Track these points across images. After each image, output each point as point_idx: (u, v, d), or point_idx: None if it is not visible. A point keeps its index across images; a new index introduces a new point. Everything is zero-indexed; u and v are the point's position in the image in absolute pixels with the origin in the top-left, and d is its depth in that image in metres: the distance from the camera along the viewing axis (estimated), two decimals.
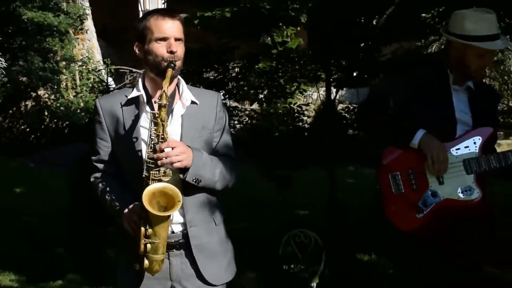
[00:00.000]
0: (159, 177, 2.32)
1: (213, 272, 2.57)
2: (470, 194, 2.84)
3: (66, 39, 15.35)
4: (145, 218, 2.32)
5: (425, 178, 2.88)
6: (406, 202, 2.88)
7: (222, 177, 2.54)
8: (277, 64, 5.80)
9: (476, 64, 2.92)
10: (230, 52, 5.62)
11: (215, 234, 2.62)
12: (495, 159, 2.84)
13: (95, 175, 2.63)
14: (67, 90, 16.01)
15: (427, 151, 2.82)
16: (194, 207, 2.54)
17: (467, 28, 2.92)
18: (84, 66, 16.43)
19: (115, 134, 2.55)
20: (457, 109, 2.98)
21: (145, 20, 2.49)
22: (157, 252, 2.36)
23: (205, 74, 5.78)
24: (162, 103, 2.28)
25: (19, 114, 15.76)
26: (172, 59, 2.41)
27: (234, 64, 5.81)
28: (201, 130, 2.54)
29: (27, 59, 14.44)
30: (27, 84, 15.31)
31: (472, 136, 2.91)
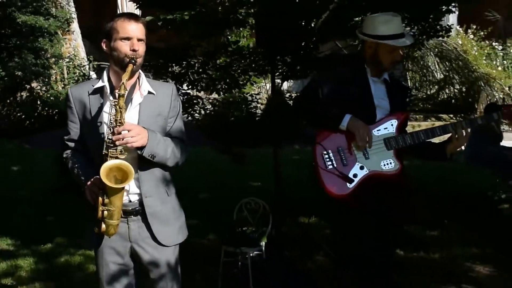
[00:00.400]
0: (116, 155, 2.32)
1: (166, 235, 2.59)
2: (391, 166, 2.89)
3: (55, 39, 15.21)
4: (103, 189, 2.33)
5: (353, 155, 2.91)
6: (338, 175, 2.90)
7: (173, 155, 2.53)
8: (232, 60, 5.79)
9: (387, 59, 2.97)
10: (192, 50, 5.58)
11: (168, 204, 2.63)
12: (409, 137, 2.90)
13: (66, 151, 2.62)
14: (56, 83, 15.91)
15: (354, 130, 2.85)
16: (149, 181, 2.53)
17: (378, 29, 2.96)
18: (71, 62, 16.32)
19: (83, 118, 2.53)
20: (376, 97, 3.01)
21: (113, 22, 2.47)
22: (112, 218, 2.36)
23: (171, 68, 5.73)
24: (120, 93, 2.30)
25: (15, 103, 15.56)
26: (133, 56, 2.40)
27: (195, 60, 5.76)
28: (156, 116, 2.54)
29: (22, 57, 14.31)
30: (22, 78, 15.12)
31: (390, 119, 2.96)
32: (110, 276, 2.58)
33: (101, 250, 2.57)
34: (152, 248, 2.57)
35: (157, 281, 2.63)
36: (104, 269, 2.58)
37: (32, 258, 5.14)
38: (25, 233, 6.09)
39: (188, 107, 6.11)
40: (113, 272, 2.58)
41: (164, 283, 2.63)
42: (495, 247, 4.95)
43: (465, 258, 4.69)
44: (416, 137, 2.91)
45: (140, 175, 2.49)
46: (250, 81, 6.11)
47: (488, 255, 4.77)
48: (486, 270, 4.45)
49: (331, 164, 2.90)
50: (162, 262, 2.61)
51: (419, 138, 2.91)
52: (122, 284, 2.60)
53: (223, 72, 5.94)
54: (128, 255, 2.60)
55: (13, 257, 5.19)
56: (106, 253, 2.56)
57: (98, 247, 2.57)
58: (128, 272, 2.63)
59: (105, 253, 2.56)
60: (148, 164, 2.48)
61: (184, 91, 6.05)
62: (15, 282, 4.55)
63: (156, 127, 2.51)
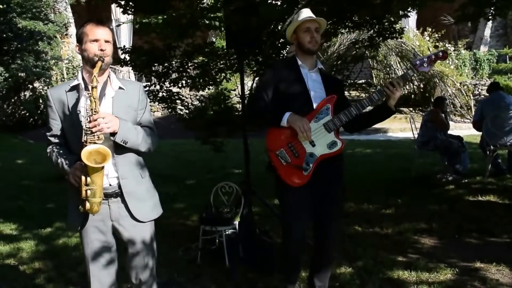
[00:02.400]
0: (94, 141, 2.37)
1: (141, 212, 2.63)
2: (335, 146, 3.00)
3: (54, 42, 15.08)
4: (85, 171, 2.37)
5: (302, 146, 2.99)
6: (293, 167, 2.99)
7: (144, 141, 2.59)
8: (209, 59, 5.82)
9: (305, 38, 3.04)
10: (173, 50, 5.59)
11: (142, 185, 2.67)
12: (343, 115, 2.97)
13: (49, 146, 2.65)
14: (57, 83, 15.75)
15: (294, 125, 2.91)
16: (124, 164, 2.59)
17: (294, 19, 3.18)
18: (70, 64, 16.17)
19: (63, 114, 2.58)
20: (312, 88, 3.08)
21: (83, 27, 2.54)
22: (95, 196, 2.40)
23: (154, 68, 5.74)
24: (93, 85, 2.36)
25: (19, 102, 15.46)
26: (102, 55, 2.46)
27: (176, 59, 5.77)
28: (127, 108, 2.60)
29: (23, 59, 14.14)
30: (25, 79, 15.03)
31: (324, 105, 3.02)
32: (94, 253, 2.62)
33: (86, 230, 2.61)
34: (130, 226, 2.62)
35: (134, 256, 2.68)
36: (89, 246, 2.62)
37: (33, 241, 5.14)
38: (27, 218, 6.11)
39: (171, 103, 6.13)
40: (96, 249, 2.62)
41: (141, 258, 2.68)
42: (440, 222, 5.06)
43: (413, 232, 4.79)
44: (348, 113, 2.97)
45: (116, 160, 2.55)
46: (226, 78, 6.15)
47: (434, 229, 4.88)
48: (431, 242, 4.55)
49: (285, 160, 2.99)
50: (139, 238, 2.65)
51: (351, 114, 2.97)
52: (105, 259, 2.65)
53: (201, 71, 5.98)
54: (110, 233, 2.65)
55: (16, 240, 5.20)
56: (90, 231, 2.61)
57: (83, 228, 2.61)
58: (111, 249, 2.67)
59: (89, 232, 2.61)
60: (123, 150, 2.55)
61: (167, 88, 6.06)
62: (17, 262, 4.55)
63: (128, 118, 2.57)
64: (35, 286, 3.97)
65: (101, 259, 2.64)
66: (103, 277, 2.65)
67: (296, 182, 2.99)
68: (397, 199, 6.06)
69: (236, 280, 3.88)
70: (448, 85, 15.97)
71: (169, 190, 7.47)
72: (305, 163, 2.98)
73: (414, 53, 16.02)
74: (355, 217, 5.45)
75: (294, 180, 2.99)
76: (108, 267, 2.66)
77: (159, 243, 4.80)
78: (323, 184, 3.04)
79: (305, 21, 3.05)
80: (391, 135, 14.23)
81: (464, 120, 15.41)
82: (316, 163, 2.98)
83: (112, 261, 2.68)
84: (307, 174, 2.98)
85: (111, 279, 2.68)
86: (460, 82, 16.33)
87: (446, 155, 7.08)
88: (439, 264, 3.91)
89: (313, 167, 2.98)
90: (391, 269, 3.85)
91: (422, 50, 15.99)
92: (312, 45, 3.06)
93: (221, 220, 4.34)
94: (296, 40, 3.13)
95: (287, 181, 3.00)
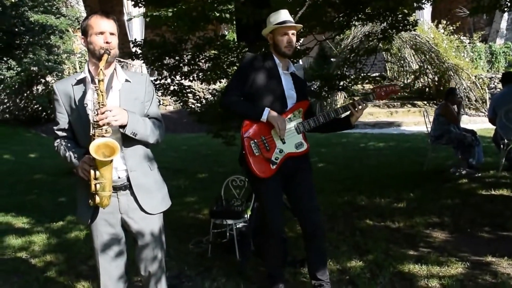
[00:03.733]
0: (102, 134, 2.38)
1: (150, 205, 2.65)
2: (302, 147, 3.24)
3: (66, 36, 15.13)
4: (94, 165, 2.39)
5: (273, 141, 3.19)
6: (263, 159, 3.16)
7: (152, 132, 2.60)
8: (220, 52, 5.82)
9: (282, 41, 3.20)
10: (184, 43, 5.60)
11: (150, 177, 2.69)
12: (312, 121, 3.22)
13: (57, 140, 2.67)
14: None
15: (274, 122, 3.12)
16: (132, 157, 2.60)
17: (271, 21, 3.27)
18: (82, 57, 16.21)
19: (69, 107, 2.59)
20: (286, 88, 3.27)
21: (87, 20, 2.54)
22: (104, 190, 2.42)
23: (165, 61, 5.75)
24: (99, 78, 2.37)
25: (32, 96, 15.54)
26: (108, 48, 2.47)
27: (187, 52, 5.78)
28: (134, 100, 2.61)
29: (35, 53, 14.20)
30: (37, 73, 15.08)
31: (297, 108, 3.26)
32: (103, 246, 2.65)
33: (95, 223, 2.63)
34: (139, 218, 2.64)
35: (143, 248, 2.70)
36: (99, 239, 2.65)
37: (44, 234, 5.20)
38: (39, 212, 6.18)
39: (182, 96, 6.14)
40: (106, 242, 2.65)
41: (150, 250, 2.71)
42: (452, 216, 5.04)
43: (425, 226, 4.78)
44: (317, 120, 3.22)
45: (125, 152, 2.57)
46: None
47: (446, 223, 4.87)
48: (442, 236, 4.54)
49: (257, 151, 3.16)
50: (148, 231, 2.68)
51: (319, 121, 3.22)
52: (114, 251, 2.67)
53: (212, 64, 5.99)
54: (119, 226, 2.67)
55: (28, 233, 5.26)
56: (99, 224, 2.63)
57: (92, 221, 2.63)
58: (120, 241, 2.70)
59: (99, 225, 2.63)
60: (131, 142, 2.56)
61: (178, 81, 6.08)
62: (29, 255, 4.62)
63: (135, 110, 2.57)
64: (47, 279, 4.02)
65: (110, 252, 2.66)
66: (112, 269, 2.68)
67: (262, 174, 3.15)
68: (409, 193, 6.04)
69: (246, 273, 3.90)
70: (463, 78, 15.81)
71: (180, 183, 7.53)
72: (274, 157, 3.16)
73: (429, 46, 15.87)
74: (366, 210, 5.45)
75: (261, 172, 3.16)
76: (117, 259, 2.69)
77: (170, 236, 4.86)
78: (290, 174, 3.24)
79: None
80: (405, 128, 14.15)
81: (479, 114, 15.27)
82: (283, 159, 3.17)
83: (121, 253, 2.70)
84: (274, 168, 3.17)
85: (120, 271, 2.71)
86: (475, 75, 16.15)
87: (460, 149, 7.04)
88: (450, 258, 3.91)
89: (280, 163, 3.16)
90: (401, 263, 3.86)
91: (437, 42, 15.83)
92: (288, 49, 3.22)
93: (231, 214, 4.36)
94: (272, 40, 3.26)
95: (255, 171, 3.15)
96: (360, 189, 6.36)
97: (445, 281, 3.48)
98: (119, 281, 2.72)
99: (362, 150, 10.33)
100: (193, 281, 3.82)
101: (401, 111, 15.98)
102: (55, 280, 3.98)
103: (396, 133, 13.33)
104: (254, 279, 3.78)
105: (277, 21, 3.21)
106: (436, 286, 3.46)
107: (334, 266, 3.92)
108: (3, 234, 5.30)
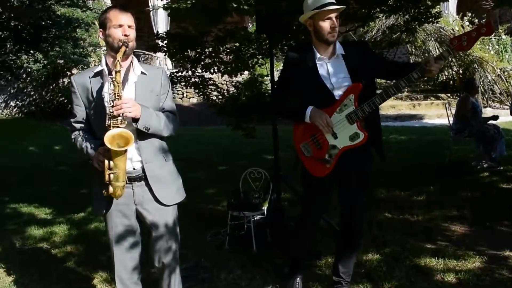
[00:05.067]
0: (117, 124, 2.41)
1: (165, 196, 2.67)
2: (358, 138, 2.90)
3: (92, 29, 15.24)
4: (108, 155, 2.41)
5: (324, 138, 2.94)
6: (317, 159, 2.98)
7: (166, 126, 2.62)
8: (241, 44, 5.81)
9: (325, 27, 2.86)
10: (205, 35, 5.60)
11: (165, 168, 2.70)
12: (367, 106, 2.84)
13: (74, 132, 2.70)
14: None
15: (316, 122, 2.87)
16: (148, 149, 2.62)
17: (309, 5, 2.91)
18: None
19: (87, 100, 2.62)
20: (333, 76, 2.94)
21: (106, 13, 2.57)
22: (118, 180, 2.45)
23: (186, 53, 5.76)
24: (116, 69, 2.39)
25: (57, 89, 15.73)
26: (126, 40, 2.49)
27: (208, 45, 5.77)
28: (150, 93, 2.63)
29: (62, 46, 14.33)
30: (63, 66, 15.25)
31: (347, 96, 2.89)
32: (118, 236, 2.68)
33: (110, 214, 2.66)
34: (154, 210, 2.67)
35: (158, 239, 2.72)
36: (113, 230, 2.68)
37: (65, 225, 5.27)
38: (61, 204, 6.26)
39: (203, 88, 6.15)
40: (120, 233, 2.67)
41: (164, 241, 2.72)
42: (472, 209, 4.96)
43: (444, 219, 4.72)
44: (372, 104, 2.85)
45: (140, 144, 2.59)
46: (258, 64, 6.13)
47: (465, 216, 4.79)
48: (461, 229, 4.47)
49: (308, 152, 2.99)
50: (162, 222, 2.69)
51: (375, 104, 2.86)
52: (129, 242, 2.70)
53: (234, 56, 5.98)
54: (134, 217, 2.70)
55: (49, 224, 5.35)
56: (114, 216, 2.66)
57: (107, 212, 2.66)
58: (135, 233, 2.73)
59: (114, 216, 2.66)
60: (146, 135, 2.58)
61: (199, 74, 6.08)
62: (50, 246, 4.69)
63: (150, 102, 2.60)
64: (66, 269, 4.08)
65: (125, 242, 2.69)
66: (127, 260, 2.71)
67: (319, 175, 3.00)
68: (430, 186, 5.96)
69: (262, 265, 3.90)
70: (488, 71, 15.48)
71: (200, 175, 7.55)
72: (327, 155, 2.94)
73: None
74: (385, 203, 5.40)
75: (316, 172, 3.00)
76: (131, 250, 2.72)
77: (188, 228, 4.93)
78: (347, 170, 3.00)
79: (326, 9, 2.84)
80: (427, 121, 13.94)
81: (503, 107, 14.95)
82: (338, 155, 2.94)
83: (135, 244, 2.73)
84: (329, 166, 2.96)
85: (134, 262, 2.74)
86: (500, 68, 15.81)
87: (482, 142, 6.92)
88: (467, 252, 3.85)
89: (335, 160, 2.94)
90: (418, 256, 3.81)
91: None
92: (331, 35, 2.89)
93: (249, 206, 4.36)
94: (312, 27, 2.93)
95: (310, 171, 3.01)
96: (379, 182, 6.29)
97: (462, 275, 3.44)
98: (133, 271, 2.75)
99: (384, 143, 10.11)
100: (209, 272, 3.83)
101: (424, 103, 15.73)
102: (74, 270, 4.04)
103: (418, 126, 13.15)
104: (270, 271, 3.77)
105: (318, 4, 2.86)
106: (452, 280, 3.42)
107: None
108: (26, 224, 5.41)
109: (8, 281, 3.89)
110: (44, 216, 5.81)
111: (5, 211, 6.17)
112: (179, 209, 2.81)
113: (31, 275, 3.95)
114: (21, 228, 5.28)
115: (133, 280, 2.77)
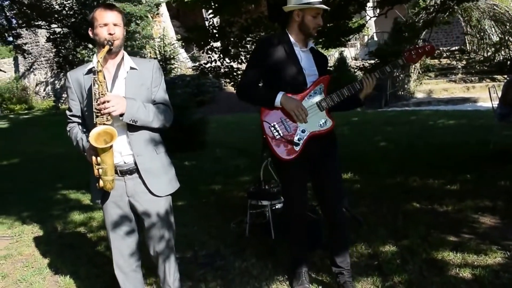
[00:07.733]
0: (104, 122, 2.42)
1: (157, 187, 2.67)
2: (326, 125, 2.99)
3: (145, 22, 15.53)
4: (95, 152, 2.44)
5: (294, 122, 2.96)
6: (285, 141, 2.96)
7: (156, 117, 2.59)
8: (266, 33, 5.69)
9: (312, 23, 2.98)
10: (230, 26, 5.53)
11: (157, 160, 2.68)
12: (335, 95, 2.96)
13: (69, 125, 2.74)
14: None
15: (288, 109, 2.91)
16: (138, 142, 2.61)
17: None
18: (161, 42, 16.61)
19: (81, 95, 2.64)
20: (306, 66, 3.03)
21: (93, 13, 2.56)
22: (106, 174, 2.48)
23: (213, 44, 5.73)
24: (97, 69, 2.40)
25: None
26: (111, 39, 2.47)
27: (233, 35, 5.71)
28: (140, 87, 2.61)
29: None
30: None
31: (318, 84, 3.00)
32: (113, 226, 2.72)
33: (106, 205, 2.71)
34: (145, 201, 2.67)
35: (150, 228, 2.73)
36: (109, 220, 2.72)
37: None
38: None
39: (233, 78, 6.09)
40: (115, 222, 2.71)
41: (157, 230, 2.72)
42: (507, 201, 4.61)
43: (474, 211, 4.42)
44: (341, 94, 2.96)
45: (130, 138, 2.59)
46: None
47: (498, 207, 4.46)
48: (491, 221, 4.16)
49: (278, 134, 2.96)
50: (153, 212, 2.69)
51: (343, 95, 2.96)
52: (123, 231, 2.73)
53: None
54: (127, 207, 2.71)
55: (90, 210, 5.52)
56: (109, 206, 2.70)
57: (103, 203, 2.71)
58: (129, 223, 2.74)
59: (109, 207, 2.71)
60: (137, 128, 2.57)
61: (228, 64, 6.03)
62: (87, 230, 4.84)
63: (142, 96, 2.58)
64: (96, 252, 4.20)
65: (120, 231, 2.72)
66: (123, 248, 2.75)
67: (285, 158, 2.97)
68: (466, 175, 5.62)
69: (277, 255, 3.82)
70: None
71: (240, 163, 7.52)
72: (296, 138, 2.95)
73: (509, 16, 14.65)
74: (416, 192, 5.16)
75: (284, 155, 2.97)
76: (127, 238, 2.74)
77: (214, 215, 4.91)
78: (316, 157, 3.02)
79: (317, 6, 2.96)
80: (481, 104, 13.23)
81: None
82: (307, 139, 2.96)
83: (131, 232, 2.75)
84: (297, 149, 2.96)
85: (130, 249, 2.76)
86: None
87: None
88: (491, 246, 3.58)
89: (304, 143, 2.96)
90: (437, 250, 3.58)
91: None
92: (315, 31, 3.04)
93: (267, 195, 4.29)
94: (299, 18, 3.01)
95: (278, 155, 2.97)
96: (414, 170, 6.01)
97: (478, 271, 3.18)
98: (130, 258, 2.78)
99: (429, 128, 9.80)
100: (225, 260, 3.81)
101: (479, 86, 14.95)
102: (103, 254, 4.12)
103: (471, 109, 12.51)
104: (283, 261, 3.67)
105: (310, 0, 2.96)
106: (467, 276, 3.16)
107: (366, 250, 3.73)
108: (70, 210, 5.63)
109: (44, 264, 4.05)
110: (88, 202, 5.97)
111: (55, 197, 6.45)
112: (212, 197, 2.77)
113: (65, 258, 4.09)
114: (66, 213, 5.49)
115: (131, 268, 2.80)
